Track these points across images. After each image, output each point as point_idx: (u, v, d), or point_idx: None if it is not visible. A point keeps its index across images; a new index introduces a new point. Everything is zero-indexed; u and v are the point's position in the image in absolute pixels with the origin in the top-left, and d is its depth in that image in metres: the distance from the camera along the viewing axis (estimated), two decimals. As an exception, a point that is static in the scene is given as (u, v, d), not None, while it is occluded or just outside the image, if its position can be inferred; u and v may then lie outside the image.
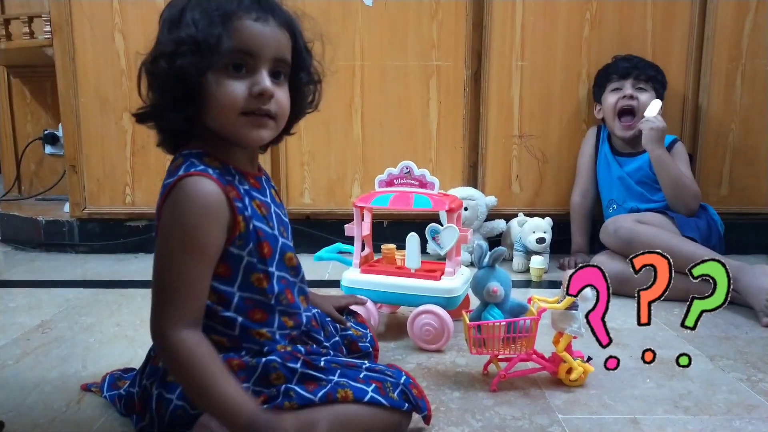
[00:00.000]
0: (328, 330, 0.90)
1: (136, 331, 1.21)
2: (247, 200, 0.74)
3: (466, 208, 1.77)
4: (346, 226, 1.21)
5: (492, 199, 1.83)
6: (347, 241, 1.24)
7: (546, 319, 0.95)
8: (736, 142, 1.86)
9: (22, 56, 2.10)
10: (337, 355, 0.84)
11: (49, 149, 2.32)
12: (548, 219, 1.74)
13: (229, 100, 0.70)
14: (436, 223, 1.18)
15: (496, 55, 1.82)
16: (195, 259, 0.69)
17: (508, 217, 1.85)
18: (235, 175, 0.75)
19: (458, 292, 1.14)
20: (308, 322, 0.84)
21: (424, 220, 1.26)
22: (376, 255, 1.28)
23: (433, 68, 1.83)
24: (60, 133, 2.13)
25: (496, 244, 1.58)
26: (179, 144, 0.77)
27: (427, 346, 1.11)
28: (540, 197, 1.90)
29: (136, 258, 1.88)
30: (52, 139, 2.29)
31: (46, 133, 2.30)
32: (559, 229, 1.76)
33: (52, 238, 1.94)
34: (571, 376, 0.95)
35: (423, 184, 1.15)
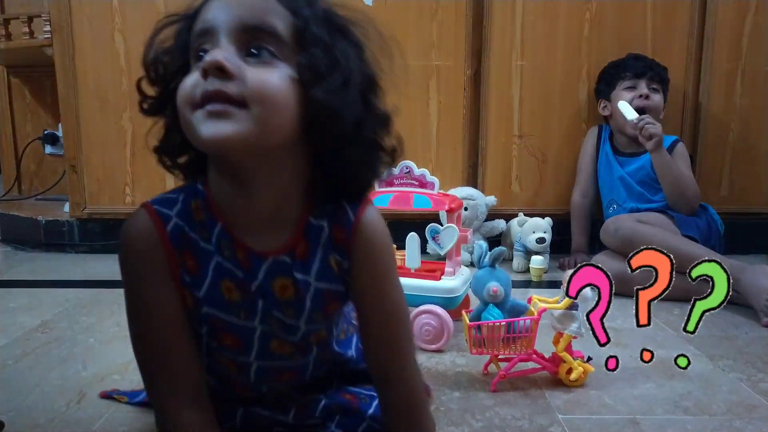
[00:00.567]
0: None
1: (136, 331, 1.21)
2: (208, 278, 0.57)
3: (466, 208, 1.77)
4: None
5: (492, 199, 1.83)
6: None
7: (546, 319, 0.95)
8: (736, 142, 1.86)
9: (22, 56, 2.10)
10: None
11: (49, 149, 2.31)
12: (548, 219, 1.74)
13: (180, 97, 0.51)
14: (436, 223, 1.18)
15: (496, 55, 1.82)
16: (151, 326, 0.56)
17: (508, 217, 1.85)
18: (216, 240, 0.57)
19: (458, 292, 1.14)
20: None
21: (424, 220, 1.26)
22: (376, 255, 1.27)
23: (433, 68, 1.83)
24: (60, 133, 2.13)
25: (496, 244, 1.57)
26: (197, 170, 0.60)
27: (427, 346, 1.11)
28: (540, 197, 1.90)
29: (136, 258, 1.88)
30: (52, 139, 2.28)
31: (46, 133, 2.30)
32: (559, 229, 1.76)
33: (52, 238, 1.94)
34: (571, 376, 0.95)
35: (423, 183, 1.14)
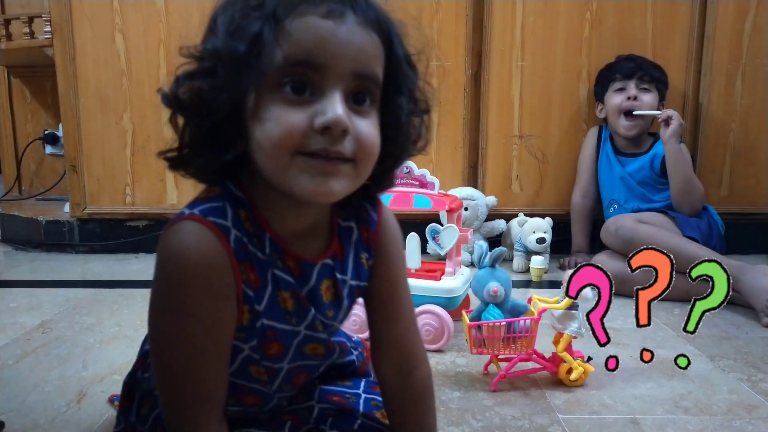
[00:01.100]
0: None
1: (136, 331, 1.21)
2: (267, 290, 0.54)
3: (466, 208, 1.77)
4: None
5: (492, 199, 1.83)
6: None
7: (546, 319, 0.95)
8: (736, 143, 1.86)
9: (23, 56, 2.10)
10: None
11: (49, 149, 2.32)
12: (548, 219, 1.74)
13: (277, 136, 0.47)
14: (436, 223, 1.18)
15: (496, 55, 1.82)
16: (205, 351, 0.52)
17: (508, 217, 1.85)
18: (269, 251, 0.54)
19: (458, 292, 1.14)
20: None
21: (424, 220, 1.26)
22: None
23: (433, 68, 1.82)
24: (60, 133, 2.14)
25: (496, 244, 1.58)
26: (227, 174, 0.54)
27: (428, 346, 1.11)
28: (540, 197, 1.90)
29: (137, 258, 1.88)
30: (52, 139, 2.29)
31: (46, 133, 2.31)
32: (559, 229, 1.76)
33: (52, 238, 1.94)
34: (571, 376, 0.95)
35: (423, 184, 1.15)
